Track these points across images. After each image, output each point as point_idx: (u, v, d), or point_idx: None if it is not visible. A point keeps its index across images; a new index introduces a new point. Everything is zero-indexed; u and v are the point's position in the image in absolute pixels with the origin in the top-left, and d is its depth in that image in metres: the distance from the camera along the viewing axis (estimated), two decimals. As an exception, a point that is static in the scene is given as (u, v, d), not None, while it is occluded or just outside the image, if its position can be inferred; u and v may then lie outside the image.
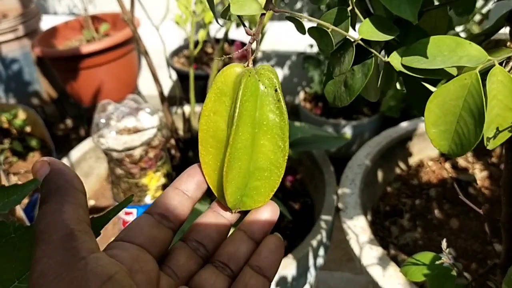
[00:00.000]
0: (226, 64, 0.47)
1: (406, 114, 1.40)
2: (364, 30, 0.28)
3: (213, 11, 0.30)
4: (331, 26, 0.28)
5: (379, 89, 0.32)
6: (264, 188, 0.30)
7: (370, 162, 0.91)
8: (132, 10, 0.91)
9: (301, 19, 0.29)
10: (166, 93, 1.88)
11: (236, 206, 0.30)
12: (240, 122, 0.27)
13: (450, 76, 0.27)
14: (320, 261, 0.82)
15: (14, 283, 0.24)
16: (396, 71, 0.28)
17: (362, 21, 0.29)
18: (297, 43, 1.63)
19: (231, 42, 1.69)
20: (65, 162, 1.06)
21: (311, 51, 1.54)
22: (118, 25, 1.66)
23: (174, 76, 1.58)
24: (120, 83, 1.62)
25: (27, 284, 0.24)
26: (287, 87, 1.74)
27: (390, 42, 0.29)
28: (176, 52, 1.75)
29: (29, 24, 1.65)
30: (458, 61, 0.26)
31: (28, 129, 1.32)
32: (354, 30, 0.30)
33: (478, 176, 0.96)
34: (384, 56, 0.30)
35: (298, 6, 1.67)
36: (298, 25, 0.30)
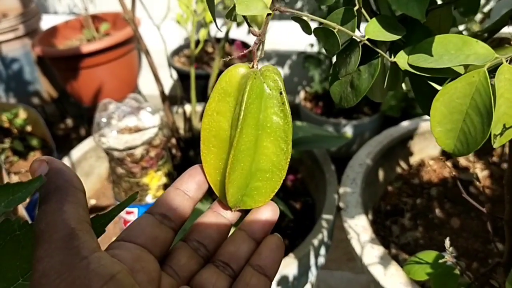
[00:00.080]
0: (227, 63, 0.47)
1: (406, 113, 1.40)
2: (370, 30, 0.28)
3: (212, 15, 0.29)
4: (338, 26, 0.28)
5: (385, 89, 0.32)
6: (265, 188, 0.30)
7: (371, 162, 0.91)
8: (133, 9, 0.91)
9: (307, 19, 0.29)
10: (167, 92, 1.87)
11: (236, 205, 0.30)
12: (244, 125, 0.27)
13: (457, 74, 0.27)
14: (321, 260, 0.82)
15: (18, 281, 0.24)
16: (402, 71, 0.28)
17: (367, 21, 0.29)
18: (297, 43, 1.62)
19: (231, 42, 1.69)
20: (65, 162, 1.06)
21: (312, 51, 1.54)
22: (118, 24, 1.66)
23: (175, 75, 1.58)
24: (120, 83, 1.62)
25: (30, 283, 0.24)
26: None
27: (396, 42, 0.29)
28: (177, 51, 1.75)
29: (29, 23, 1.64)
30: (465, 59, 0.25)
31: (28, 128, 1.32)
32: (359, 31, 0.30)
33: (479, 175, 0.97)
34: (390, 56, 0.30)
35: (298, 5, 1.67)
36: (304, 25, 0.30)
